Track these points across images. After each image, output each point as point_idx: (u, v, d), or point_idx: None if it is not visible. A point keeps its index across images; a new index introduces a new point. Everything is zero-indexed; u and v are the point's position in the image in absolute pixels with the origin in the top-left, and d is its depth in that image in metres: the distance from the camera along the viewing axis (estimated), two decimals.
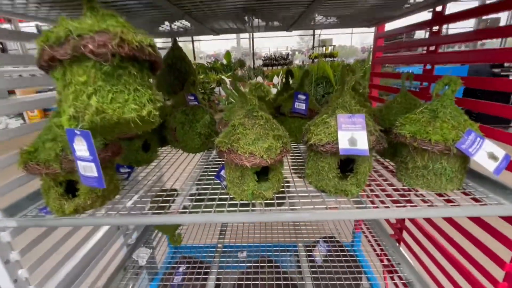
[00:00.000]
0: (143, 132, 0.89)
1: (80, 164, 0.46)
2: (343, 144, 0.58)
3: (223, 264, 1.25)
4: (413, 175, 0.66)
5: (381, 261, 1.16)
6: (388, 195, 0.65)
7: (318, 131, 0.63)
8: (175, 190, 0.80)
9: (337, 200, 0.64)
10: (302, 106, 1.01)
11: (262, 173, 0.65)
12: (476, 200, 0.63)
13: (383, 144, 0.62)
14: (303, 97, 1.02)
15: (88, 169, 0.46)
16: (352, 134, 0.59)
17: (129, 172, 0.87)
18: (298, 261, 1.35)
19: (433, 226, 0.98)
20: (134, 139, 0.88)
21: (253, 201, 0.64)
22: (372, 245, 1.32)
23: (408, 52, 1.82)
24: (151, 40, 0.47)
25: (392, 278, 1.12)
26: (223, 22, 0.90)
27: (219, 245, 1.31)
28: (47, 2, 0.55)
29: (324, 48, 10.19)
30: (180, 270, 1.17)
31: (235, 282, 1.20)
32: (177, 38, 1.35)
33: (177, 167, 0.94)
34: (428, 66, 0.97)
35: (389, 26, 1.23)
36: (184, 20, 0.81)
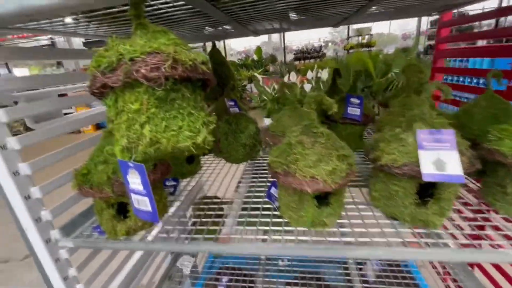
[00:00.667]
0: None
1: (134, 197, 0.43)
2: (427, 168, 0.47)
3: (268, 273, 1.21)
4: None
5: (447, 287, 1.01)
6: (480, 227, 0.53)
7: (390, 149, 0.53)
8: (221, 207, 0.75)
9: (414, 231, 0.54)
10: (356, 111, 0.90)
11: (322, 196, 0.57)
12: None
13: (476, 166, 0.50)
14: (357, 101, 0.91)
15: (142, 203, 0.42)
16: (439, 155, 0.48)
17: (175, 185, 0.85)
18: (347, 275, 1.25)
19: None
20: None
21: (312, 229, 0.56)
22: (433, 265, 1.16)
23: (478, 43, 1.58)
24: (203, 57, 0.42)
25: None
26: (268, 23, 0.82)
27: (262, 255, 1.27)
28: (96, 20, 0.53)
29: (360, 37, 9.59)
30: (224, 281, 1.15)
31: None
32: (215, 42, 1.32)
33: (223, 179, 0.90)
34: None
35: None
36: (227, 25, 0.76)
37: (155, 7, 0.49)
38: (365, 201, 0.66)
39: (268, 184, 0.79)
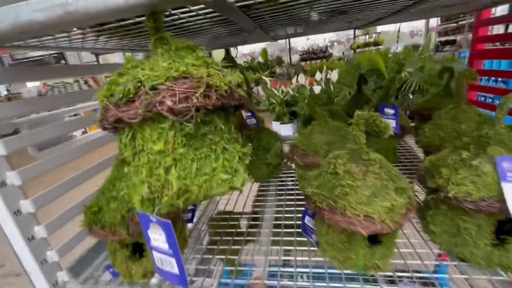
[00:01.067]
0: None
1: (156, 255, 0.35)
2: None
3: None
4: None
5: None
6: None
7: (459, 178, 0.44)
8: (249, 238, 0.67)
9: (491, 278, 0.44)
10: (392, 123, 0.81)
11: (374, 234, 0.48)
12: None
13: None
14: (392, 111, 0.82)
15: (166, 264, 0.34)
16: None
17: (193, 210, 0.77)
18: None
19: None
20: None
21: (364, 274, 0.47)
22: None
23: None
24: (239, 77, 0.33)
25: None
26: (292, 28, 0.74)
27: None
28: (106, 33, 0.45)
29: (367, 36, 9.44)
30: None
31: None
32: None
33: (245, 202, 0.82)
34: None
35: None
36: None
37: (175, 16, 0.41)
38: (416, 231, 0.57)
39: (298, 206, 0.71)
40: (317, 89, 4.20)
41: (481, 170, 0.42)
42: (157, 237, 0.33)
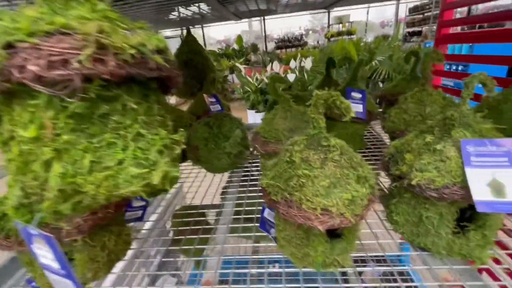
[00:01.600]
0: None
1: (49, 276, 0.27)
2: (481, 193, 0.35)
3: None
4: None
5: None
6: None
7: (423, 164, 0.40)
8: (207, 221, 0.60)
9: (451, 268, 0.42)
10: (359, 107, 0.77)
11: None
12: None
13: None
14: (359, 95, 0.78)
15: (61, 285, 0.27)
16: (494, 175, 0.35)
17: (143, 207, 0.69)
18: (346, 281, 1.16)
19: None
20: None
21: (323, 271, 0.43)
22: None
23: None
24: (159, 40, 0.26)
25: None
26: (252, 2, 0.66)
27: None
28: None
29: (340, 25, 9.54)
30: None
31: None
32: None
33: (207, 189, 0.75)
34: None
35: None
36: (202, 3, 0.59)
37: None
38: (379, 219, 0.54)
39: (261, 198, 0.65)
40: (291, 77, 4.16)
41: (445, 154, 0.39)
42: (44, 253, 0.25)
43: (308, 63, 4.27)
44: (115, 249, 0.47)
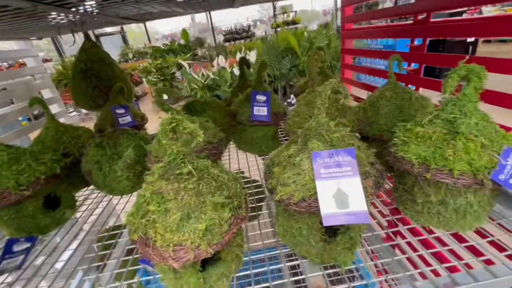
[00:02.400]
0: (46, 184, 0.61)
1: None
2: (327, 206, 0.35)
3: None
4: (425, 211, 0.47)
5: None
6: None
7: (285, 178, 0.40)
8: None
9: (324, 273, 0.43)
10: (263, 110, 0.77)
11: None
12: None
13: (383, 186, 0.40)
14: (263, 98, 0.77)
15: None
16: (339, 185, 0.36)
17: (27, 249, 0.60)
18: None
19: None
20: (24, 201, 0.60)
21: None
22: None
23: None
24: None
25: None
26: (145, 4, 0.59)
27: None
28: None
29: (285, 15, 9.73)
30: None
31: None
32: (88, 32, 1.00)
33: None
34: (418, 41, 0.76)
35: None
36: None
37: None
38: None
39: None
40: (237, 71, 4.12)
41: (302, 167, 0.39)
42: None
43: (252, 56, 4.27)
44: None
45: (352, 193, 0.35)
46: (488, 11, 4.69)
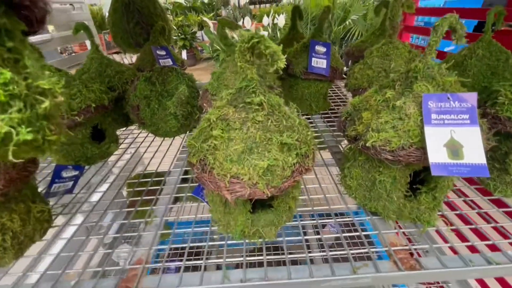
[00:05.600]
0: (95, 114, 0.59)
1: None
2: (438, 154, 0.31)
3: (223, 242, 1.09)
4: None
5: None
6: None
7: (381, 123, 0.35)
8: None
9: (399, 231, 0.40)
10: (322, 62, 0.70)
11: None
12: None
13: (491, 145, 0.35)
14: (323, 49, 0.70)
15: None
16: (453, 134, 0.31)
17: (76, 176, 0.59)
18: (307, 240, 1.21)
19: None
20: (74, 128, 0.58)
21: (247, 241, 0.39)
22: None
23: None
24: None
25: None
26: None
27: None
28: None
29: None
30: (173, 266, 1.00)
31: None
32: None
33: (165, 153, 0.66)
34: None
35: None
36: None
37: None
38: (333, 183, 0.51)
39: None
40: (263, 34, 3.91)
41: (405, 111, 0.34)
42: None
43: (281, 20, 4.01)
44: (23, 231, 0.39)
45: (468, 144, 0.31)
46: None
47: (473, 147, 0.31)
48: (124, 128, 0.82)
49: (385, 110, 0.36)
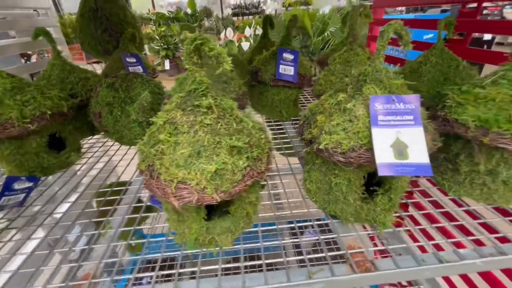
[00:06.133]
0: (51, 122, 0.56)
1: None
2: (384, 155, 0.31)
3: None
4: (467, 182, 0.44)
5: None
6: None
7: (333, 125, 0.36)
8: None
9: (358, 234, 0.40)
10: (290, 69, 0.71)
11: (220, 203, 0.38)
12: None
13: (438, 145, 0.36)
14: (291, 57, 0.71)
15: None
16: (398, 135, 0.32)
17: (28, 188, 0.55)
18: (284, 248, 1.19)
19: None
20: (28, 137, 0.55)
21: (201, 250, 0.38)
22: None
23: None
24: None
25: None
26: None
27: None
28: None
29: None
30: (144, 280, 0.95)
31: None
32: None
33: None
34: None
35: None
36: None
37: None
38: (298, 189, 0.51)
39: None
40: (245, 45, 3.98)
41: (354, 113, 0.34)
42: None
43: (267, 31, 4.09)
44: None
45: (412, 144, 0.31)
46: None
47: (417, 147, 0.31)
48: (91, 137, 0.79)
49: (337, 112, 0.36)
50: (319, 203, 0.43)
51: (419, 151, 0.31)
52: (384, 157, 0.31)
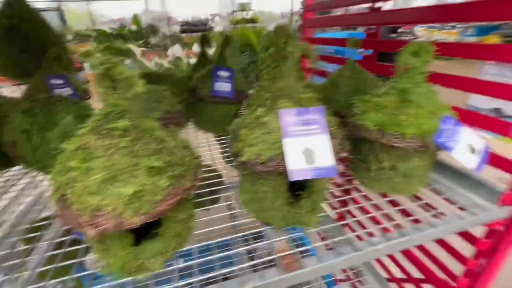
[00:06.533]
0: None
1: None
2: (295, 162, 0.35)
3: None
4: (377, 178, 0.50)
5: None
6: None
7: (252, 138, 0.38)
8: None
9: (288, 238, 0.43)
10: (226, 86, 0.74)
11: (150, 224, 0.37)
12: (449, 201, 0.52)
13: (346, 149, 0.42)
14: (226, 74, 0.75)
15: None
16: (307, 143, 0.36)
17: None
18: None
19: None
20: None
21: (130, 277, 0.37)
22: None
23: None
24: None
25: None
26: None
27: None
28: None
29: (244, 12, 9.77)
30: None
31: None
32: None
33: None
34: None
35: None
36: None
37: None
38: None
39: None
40: (193, 62, 3.98)
41: (270, 126, 0.38)
42: None
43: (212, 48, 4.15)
44: None
45: (319, 150, 0.36)
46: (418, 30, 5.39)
47: (323, 152, 0.36)
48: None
49: (257, 126, 0.39)
50: (253, 212, 0.45)
51: (325, 155, 0.35)
52: (295, 164, 0.35)
